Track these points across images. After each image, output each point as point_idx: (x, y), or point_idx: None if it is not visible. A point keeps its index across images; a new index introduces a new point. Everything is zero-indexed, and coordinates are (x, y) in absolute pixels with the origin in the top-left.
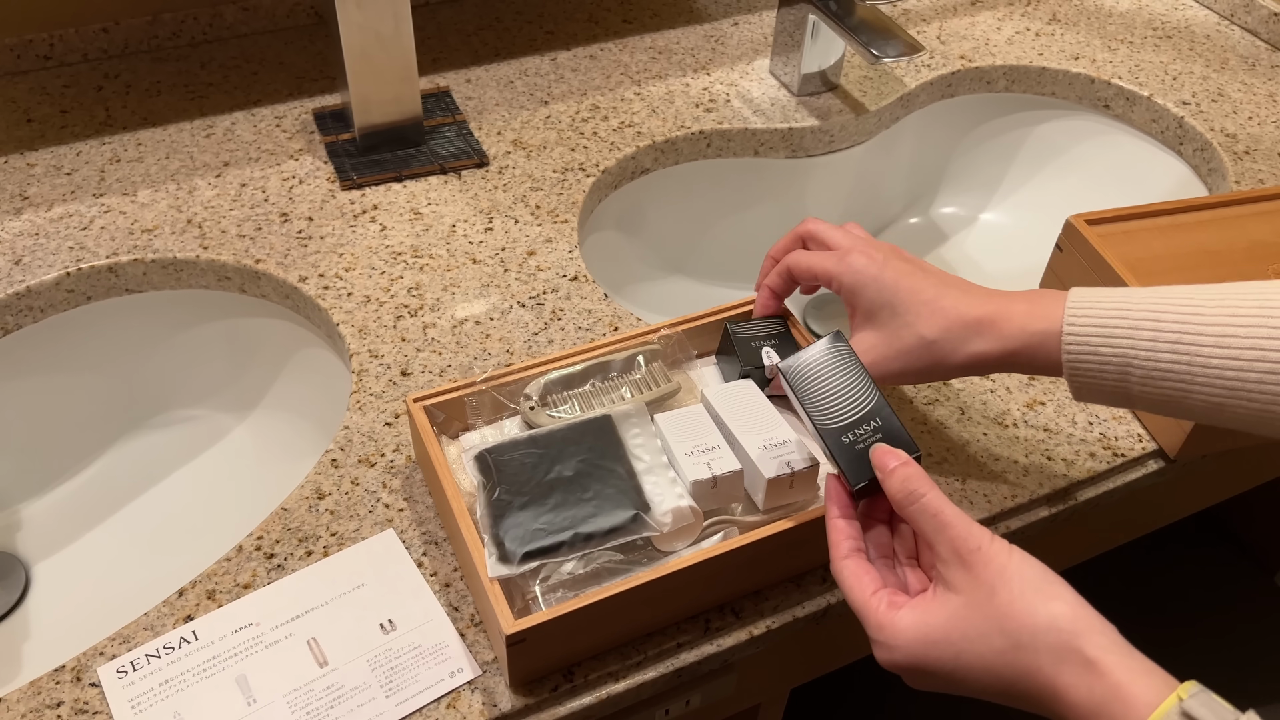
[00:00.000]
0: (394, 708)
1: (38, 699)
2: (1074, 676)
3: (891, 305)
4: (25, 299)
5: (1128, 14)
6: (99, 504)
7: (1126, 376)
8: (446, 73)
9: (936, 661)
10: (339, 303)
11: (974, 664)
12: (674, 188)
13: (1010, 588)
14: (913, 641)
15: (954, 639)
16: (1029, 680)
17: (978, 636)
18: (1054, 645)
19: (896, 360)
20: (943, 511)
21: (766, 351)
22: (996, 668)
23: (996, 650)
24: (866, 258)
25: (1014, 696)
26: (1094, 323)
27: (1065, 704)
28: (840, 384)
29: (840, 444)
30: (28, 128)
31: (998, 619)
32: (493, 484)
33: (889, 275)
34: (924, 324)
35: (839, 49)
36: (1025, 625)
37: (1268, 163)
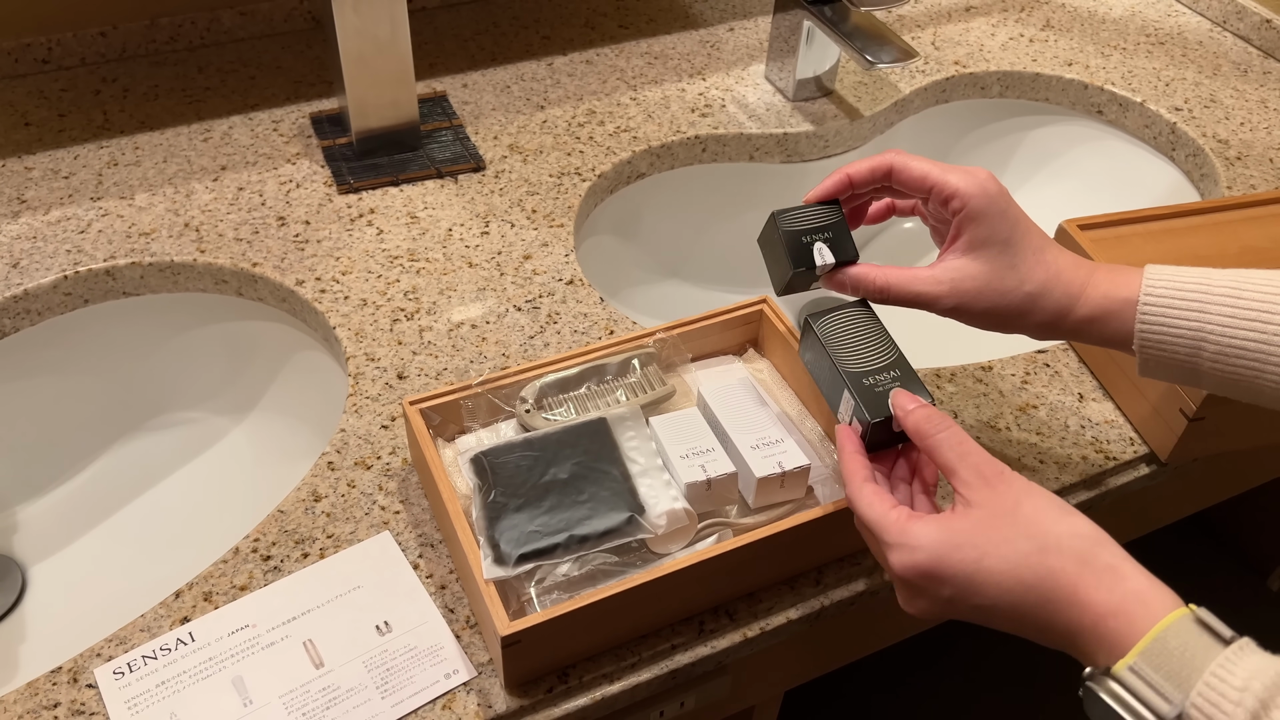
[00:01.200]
0: (390, 709)
1: (35, 700)
2: (1095, 578)
3: (1007, 242)
4: (23, 302)
5: (1121, 20)
6: (96, 506)
7: (1199, 353)
8: (443, 77)
9: (959, 564)
10: (336, 306)
11: (996, 566)
12: (669, 192)
13: (1035, 503)
14: (937, 542)
15: (978, 541)
16: (1051, 581)
17: (1002, 540)
18: (1078, 550)
19: (987, 298)
20: (965, 440)
21: (819, 249)
22: (1019, 570)
23: (1022, 553)
24: (996, 184)
25: (1030, 605)
26: (1172, 295)
27: (1085, 604)
28: (865, 338)
29: (862, 385)
30: (25, 131)
31: (1024, 525)
32: (488, 486)
33: (1014, 210)
34: (1029, 271)
35: (834, 54)
36: (1050, 530)
37: (1259, 168)
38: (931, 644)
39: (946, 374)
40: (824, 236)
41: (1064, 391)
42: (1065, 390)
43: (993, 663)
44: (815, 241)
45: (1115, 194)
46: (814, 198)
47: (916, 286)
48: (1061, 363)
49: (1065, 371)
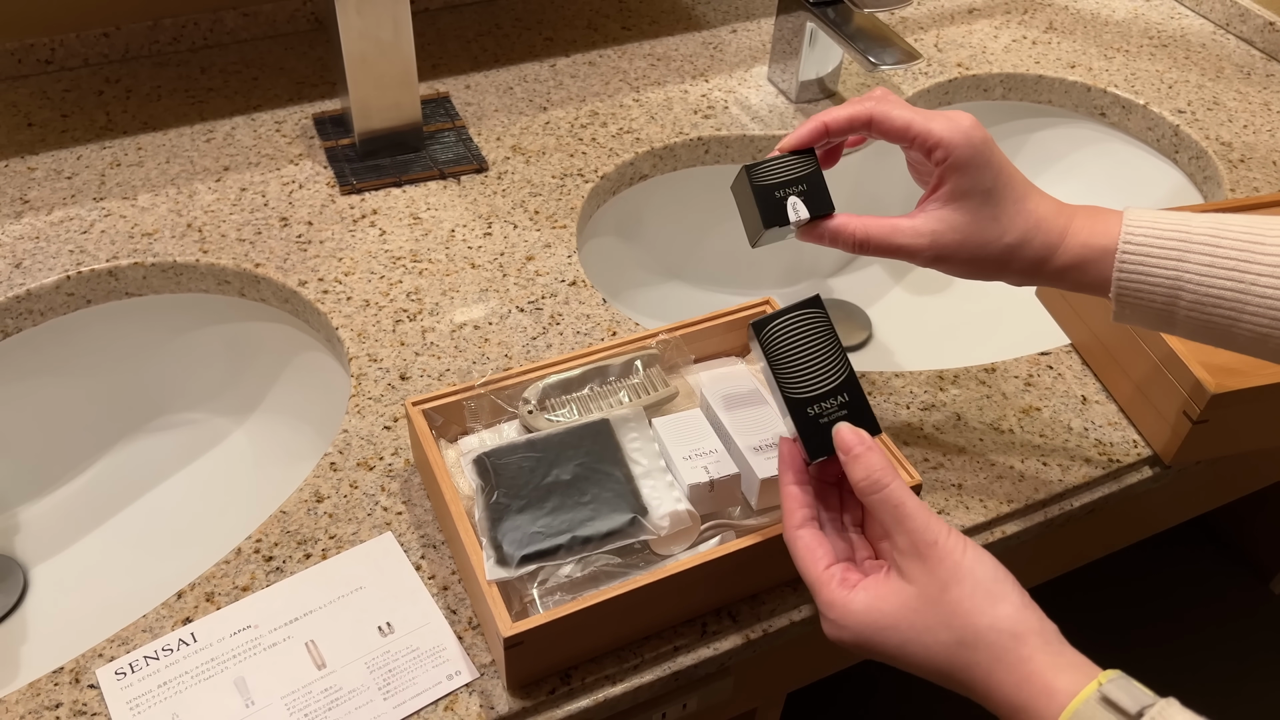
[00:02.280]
0: (392, 710)
1: (36, 700)
2: (1006, 674)
3: (989, 193)
4: (25, 302)
5: (1124, 23)
6: (98, 507)
7: (1176, 300)
8: (446, 79)
9: (882, 644)
10: (338, 307)
11: (918, 653)
12: (672, 194)
13: (962, 586)
14: (863, 625)
15: (902, 628)
16: (966, 674)
17: (924, 629)
18: (993, 645)
19: (968, 249)
20: (904, 504)
21: (793, 204)
22: (939, 660)
23: (942, 643)
24: (980, 131)
25: (951, 684)
26: (1151, 241)
27: (998, 700)
28: (814, 352)
29: (805, 415)
30: (29, 132)
31: (946, 615)
32: (491, 487)
33: (997, 158)
34: (1010, 222)
35: (837, 56)
36: (970, 625)
37: (1262, 171)
38: None
39: (950, 376)
40: (798, 190)
41: (1067, 394)
42: (1068, 392)
43: None
44: (790, 196)
45: (1118, 196)
46: (788, 146)
47: (898, 239)
48: (1065, 364)
49: (1069, 374)
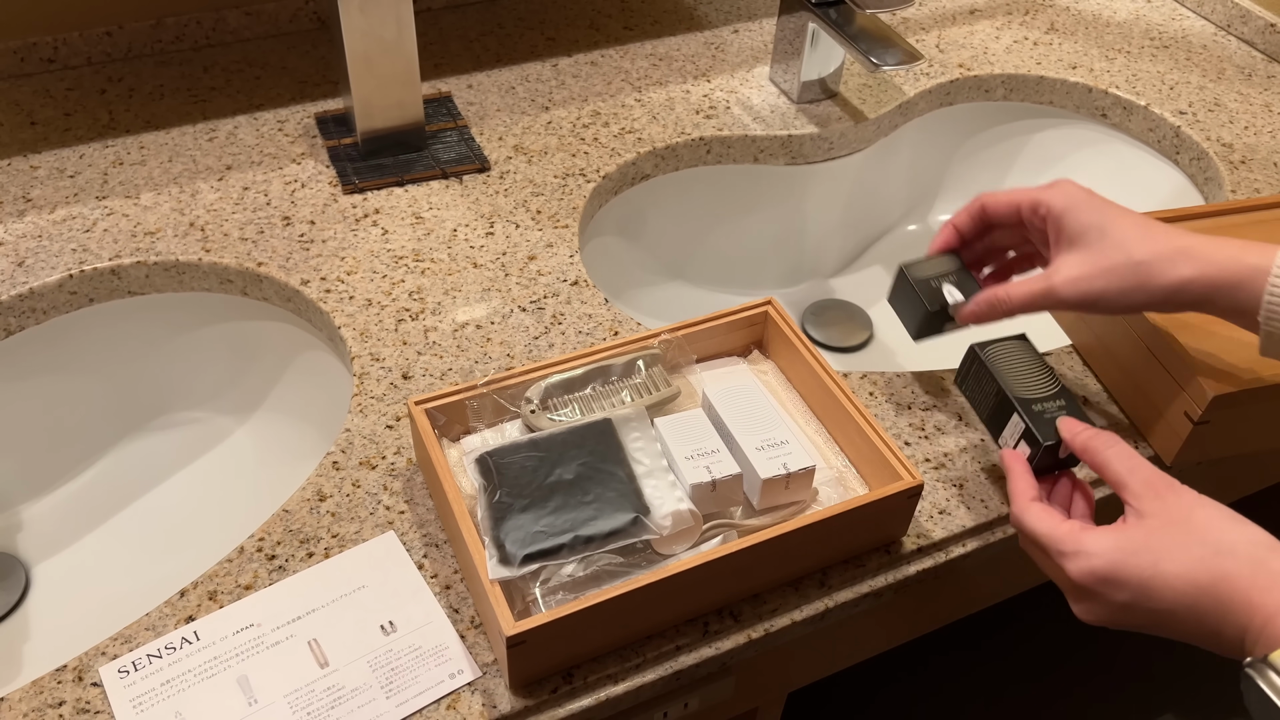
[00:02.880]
0: (394, 709)
1: (40, 698)
2: (1269, 581)
3: (1101, 226)
4: (28, 300)
5: (1125, 24)
6: (100, 505)
7: None
8: (448, 78)
9: (1135, 569)
10: (341, 306)
11: (1172, 570)
12: (674, 194)
13: (1207, 510)
14: (1113, 548)
15: (1154, 546)
16: (1226, 585)
17: (1177, 546)
18: (1253, 555)
19: (1101, 278)
20: (1134, 456)
21: (948, 289)
22: (1195, 573)
23: (1196, 557)
24: (1076, 185)
25: (1204, 608)
26: None
27: (1256, 606)
28: (1029, 368)
29: (1031, 410)
30: (31, 130)
31: (1199, 532)
32: (494, 486)
33: (1098, 200)
34: (1134, 244)
35: (838, 57)
36: (1224, 537)
37: (1263, 172)
38: (931, 645)
39: (951, 376)
40: (950, 279)
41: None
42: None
43: (992, 663)
44: (944, 283)
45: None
46: (932, 252)
47: (1034, 291)
48: (1066, 365)
49: (1070, 374)
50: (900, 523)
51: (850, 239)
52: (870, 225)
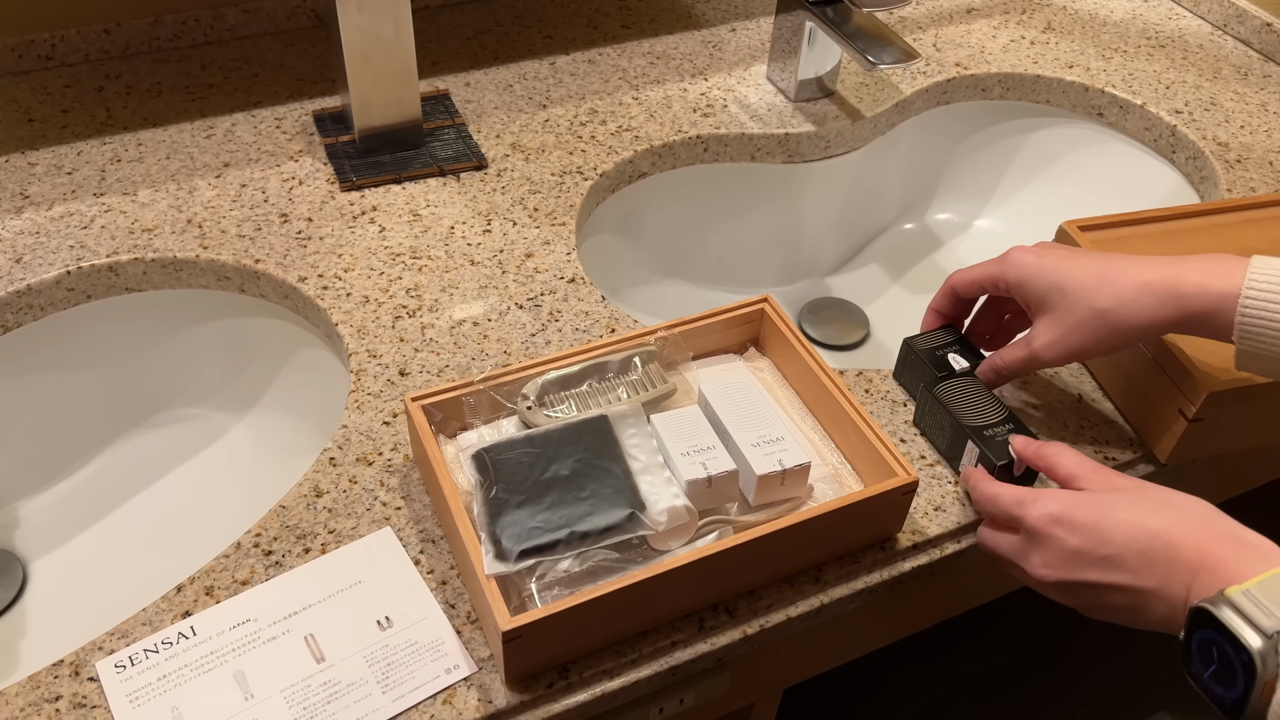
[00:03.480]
0: (390, 703)
1: (36, 693)
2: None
3: (1059, 286)
4: (25, 297)
5: (1122, 23)
6: (97, 502)
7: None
8: (446, 76)
9: (1087, 512)
10: (338, 303)
11: (1124, 515)
12: (671, 192)
13: (1155, 485)
14: (1068, 495)
15: (1106, 499)
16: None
17: (1129, 500)
18: (1200, 512)
19: (1074, 335)
20: (1081, 455)
21: (953, 357)
22: (1146, 519)
23: (1148, 507)
24: (1024, 252)
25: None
26: (1276, 286)
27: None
28: (977, 400)
29: (982, 435)
30: (29, 127)
31: (1149, 490)
32: (490, 482)
33: (1049, 261)
34: (1094, 296)
35: (835, 55)
36: (1174, 497)
37: (1259, 171)
38: (929, 642)
39: None
40: (954, 348)
41: (1063, 392)
42: (1065, 391)
43: (990, 661)
44: (949, 353)
45: (1115, 196)
46: (928, 326)
47: (1021, 358)
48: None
49: (1065, 372)
50: (895, 519)
51: (847, 237)
52: (867, 224)
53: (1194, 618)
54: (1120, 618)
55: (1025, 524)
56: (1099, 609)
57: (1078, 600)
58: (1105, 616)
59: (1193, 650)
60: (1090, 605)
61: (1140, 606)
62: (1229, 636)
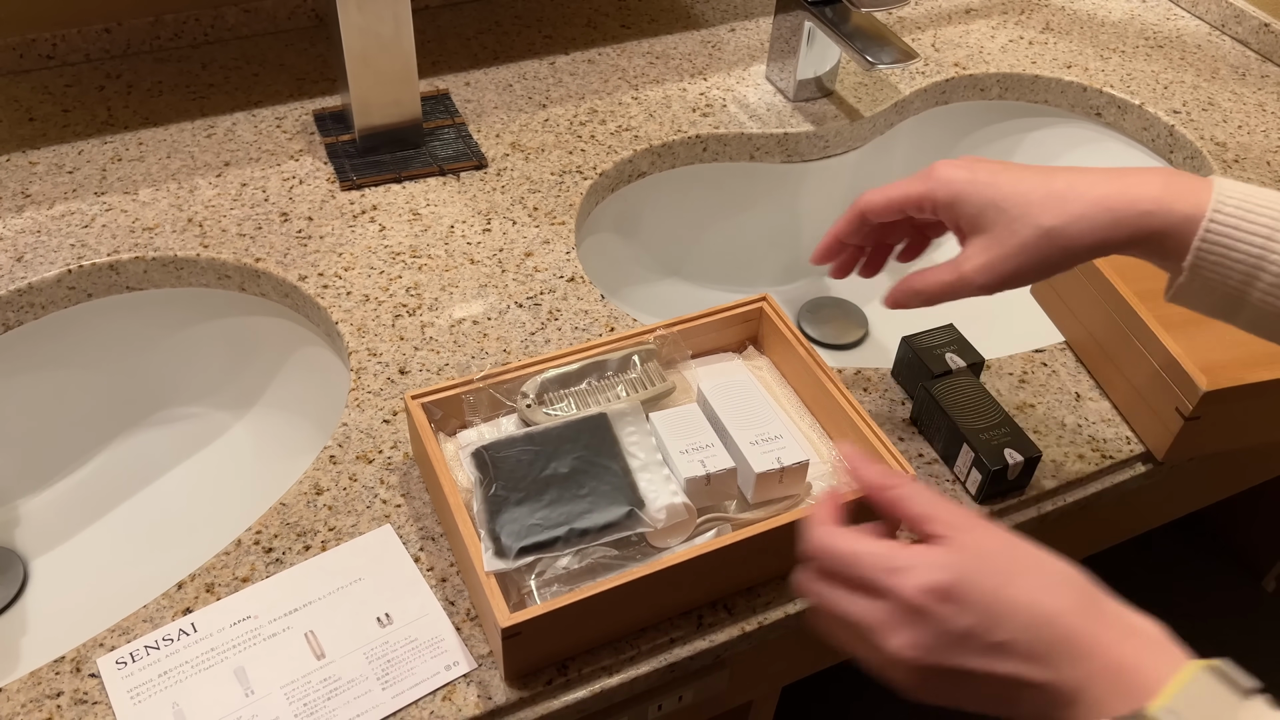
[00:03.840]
0: (390, 700)
1: (38, 689)
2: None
3: (995, 203)
4: (27, 295)
5: (1120, 23)
6: (98, 500)
7: (1253, 280)
8: (446, 76)
9: (982, 586)
10: (338, 301)
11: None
12: (670, 191)
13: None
14: (956, 562)
15: (999, 566)
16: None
17: (1026, 569)
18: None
19: (1015, 258)
20: (925, 491)
21: (951, 357)
22: (1042, 602)
23: (1042, 585)
24: (953, 166)
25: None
26: (1242, 214)
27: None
28: (977, 399)
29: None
30: (30, 126)
31: (1034, 556)
32: (489, 480)
33: (983, 175)
34: (1040, 213)
35: (834, 55)
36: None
37: (1256, 171)
38: None
39: None
40: (952, 347)
41: (1061, 390)
42: (1062, 389)
43: None
44: (946, 352)
45: None
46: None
47: (946, 281)
48: (1059, 361)
49: (1063, 370)
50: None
51: None
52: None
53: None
54: (983, 707)
55: (898, 595)
56: (956, 697)
57: (936, 686)
58: (959, 704)
59: None
60: (949, 693)
61: (1015, 699)
62: None
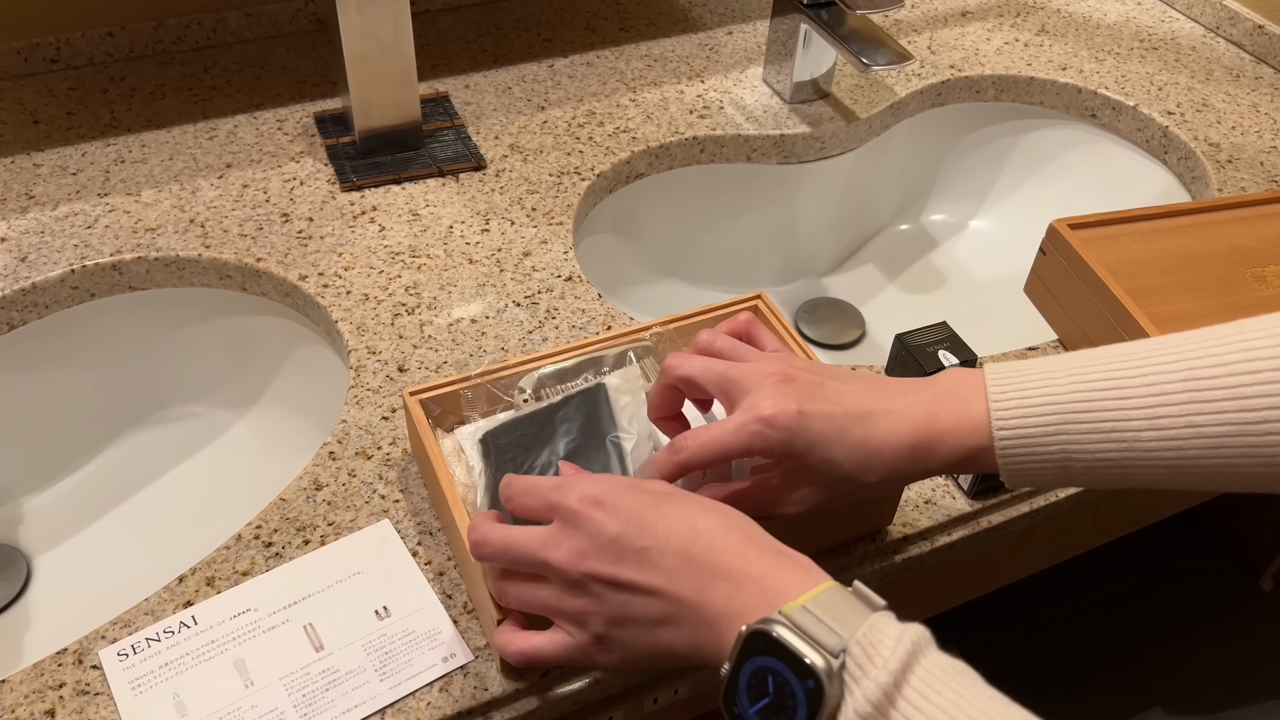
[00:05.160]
0: (388, 691)
1: (40, 680)
2: (759, 541)
3: (828, 461)
4: (30, 295)
5: (1115, 25)
6: (100, 498)
7: (1067, 472)
8: (445, 78)
9: (635, 496)
10: (338, 301)
11: (673, 509)
12: (668, 192)
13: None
14: (612, 480)
15: (657, 492)
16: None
17: (680, 499)
18: (745, 519)
19: (840, 500)
20: None
21: (944, 354)
22: (696, 516)
23: (700, 506)
24: (778, 411)
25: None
26: (1026, 430)
27: (750, 558)
28: None
29: None
30: (34, 129)
31: (696, 499)
32: (491, 469)
33: (814, 428)
34: (863, 472)
35: (830, 58)
36: (723, 506)
37: (1250, 172)
38: None
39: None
40: (945, 345)
41: None
42: None
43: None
44: (939, 349)
45: (1108, 197)
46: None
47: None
48: None
49: None
50: (886, 512)
51: (843, 238)
52: (862, 224)
53: (747, 643)
54: (640, 640)
55: (563, 508)
56: (618, 622)
57: (599, 611)
58: (623, 640)
59: (740, 683)
60: (610, 617)
61: (669, 619)
62: (791, 659)
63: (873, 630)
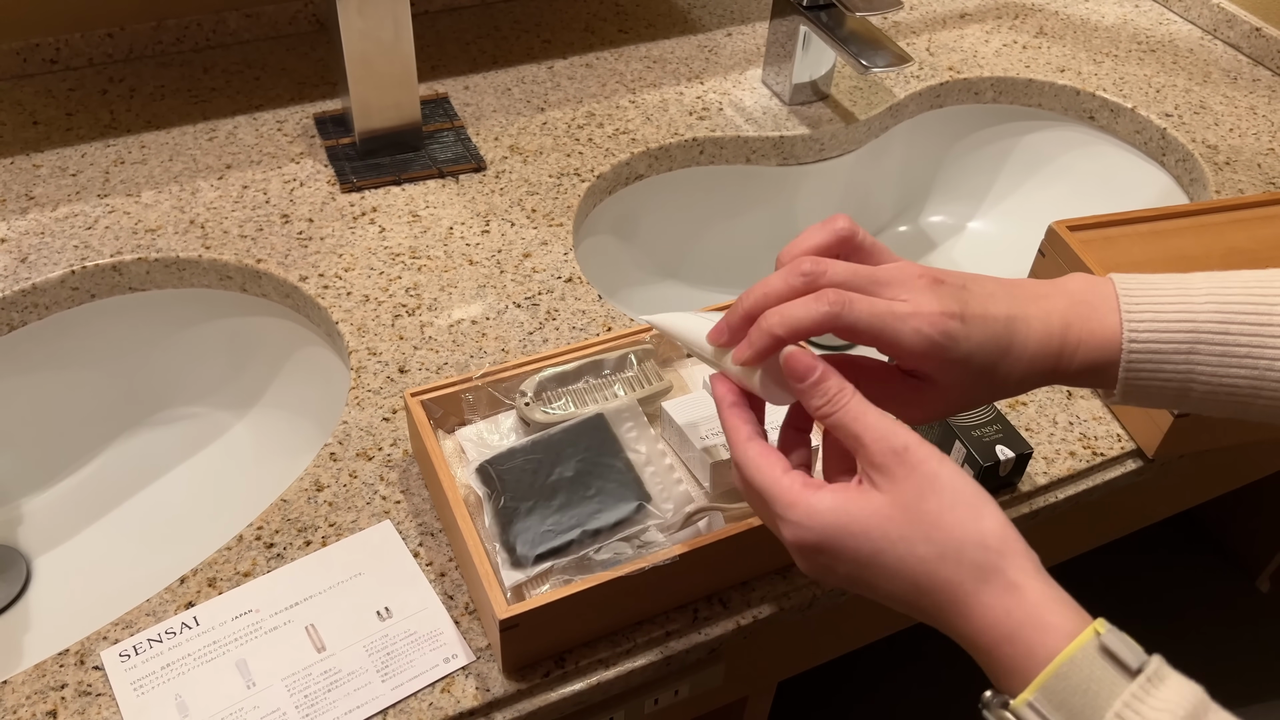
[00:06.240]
0: (389, 691)
1: (42, 681)
2: (993, 597)
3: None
4: (30, 296)
5: (1113, 28)
6: (100, 499)
7: (1186, 395)
8: (445, 80)
9: (851, 551)
10: (338, 302)
11: (891, 565)
12: (667, 194)
13: (940, 496)
14: (830, 525)
15: (875, 535)
16: (945, 593)
17: (900, 539)
18: (979, 563)
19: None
20: (866, 414)
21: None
22: (915, 575)
23: (919, 557)
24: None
25: (919, 608)
26: (1157, 347)
27: (978, 623)
28: None
29: (970, 435)
30: (34, 130)
31: (926, 528)
32: (497, 493)
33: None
34: (1004, 382)
35: (829, 59)
36: (954, 537)
37: (1247, 173)
38: (922, 634)
39: None
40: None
41: (1052, 388)
42: (1054, 386)
43: None
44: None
45: (1106, 199)
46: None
47: None
48: None
49: None
50: None
51: None
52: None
53: None
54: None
55: (783, 540)
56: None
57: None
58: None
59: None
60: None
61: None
62: None
63: (1127, 710)
